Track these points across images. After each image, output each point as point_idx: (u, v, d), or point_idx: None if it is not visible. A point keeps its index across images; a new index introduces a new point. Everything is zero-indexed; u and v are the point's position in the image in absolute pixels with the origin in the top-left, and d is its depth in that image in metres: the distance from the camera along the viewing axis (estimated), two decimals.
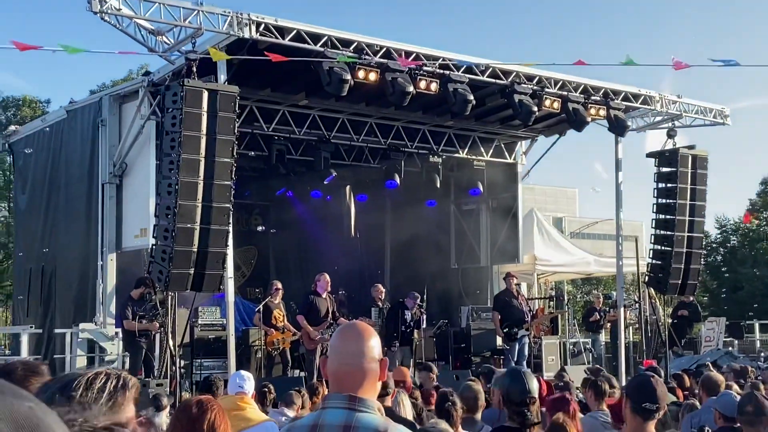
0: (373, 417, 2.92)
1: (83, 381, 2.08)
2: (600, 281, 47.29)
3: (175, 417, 4.15)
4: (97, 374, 2.14)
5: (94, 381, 2.09)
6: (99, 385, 2.09)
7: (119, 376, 2.16)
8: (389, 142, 18.95)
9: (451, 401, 6.75)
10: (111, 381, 2.12)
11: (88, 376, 2.11)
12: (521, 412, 4.76)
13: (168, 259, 12.47)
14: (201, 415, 3.72)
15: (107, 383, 2.10)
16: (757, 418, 5.72)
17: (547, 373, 16.16)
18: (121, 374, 2.18)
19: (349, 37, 14.18)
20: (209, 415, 3.72)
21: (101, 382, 2.10)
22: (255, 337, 15.79)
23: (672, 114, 18.52)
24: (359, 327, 3.14)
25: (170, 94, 12.66)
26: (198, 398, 4.01)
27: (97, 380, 2.10)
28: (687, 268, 18.25)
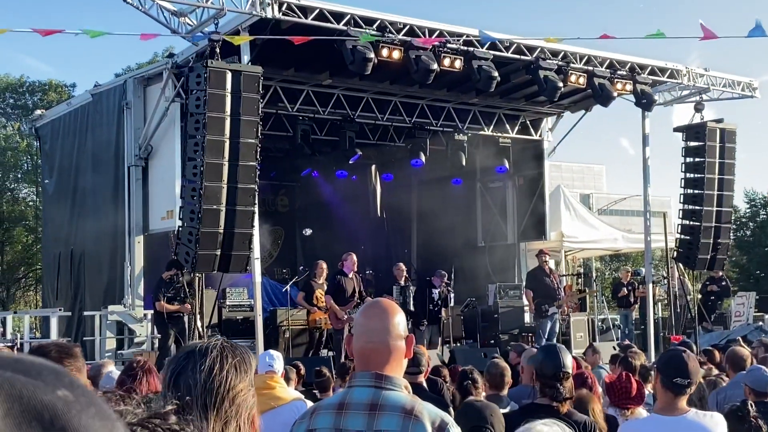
0: (399, 395, 2.90)
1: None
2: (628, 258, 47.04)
3: None
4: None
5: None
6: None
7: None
8: (414, 120, 18.87)
9: (471, 378, 6.74)
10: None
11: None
12: (553, 385, 4.72)
13: (194, 240, 12.51)
14: None
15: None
16: None
17: (575, 349, 16.09)
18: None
19: (372, 15, 14.11)
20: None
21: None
22: (283, 317, 15.82)
23: (699, 87, 18.31)
24: (383, 304, 3.11)
25: (194, 76, 12.66)
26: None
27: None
28: (716, 242, 18.11)
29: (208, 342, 2.22)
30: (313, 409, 3.10)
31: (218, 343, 2.17)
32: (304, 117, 17.47)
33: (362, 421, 2.85)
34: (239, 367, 2.12)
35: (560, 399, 4.70)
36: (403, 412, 2.83)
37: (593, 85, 16.41)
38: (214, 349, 2.13)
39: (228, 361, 2.11)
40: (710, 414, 4.63)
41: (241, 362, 2.14)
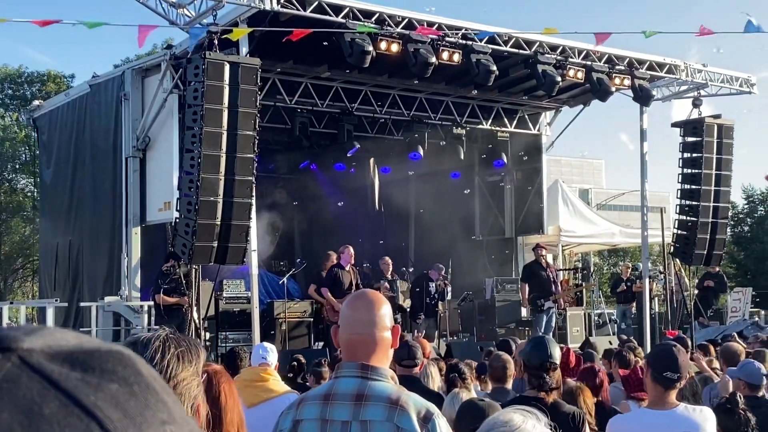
0: (385, 385, 2.92)
1: None
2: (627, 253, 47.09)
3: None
4: None
5: None
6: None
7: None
8: (412, 113, 18.87)
9: (458, 371, 6.77)
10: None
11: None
12: (540, 376, 4.74)
13: (191, 232, 12.51)
14: (208, 386, 3.68)
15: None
16: None
17: (572, 344, 16.11)
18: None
19: (370, 8, 14.11)
20: (214, 389, 3.68)
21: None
22: (280, 309, 15.85)
23: (697, 83, 18.31)
24: (370, 296, 3.13)
25: (192, 67, 12.65)
26: (204, 369, 3.98)
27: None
28: (712, 238, 18.11)
29: (152, 333, 2.24)
30: (300, 399, 3.12)
31: (162, 334, 2.19)
32: (303, 109, 17.47)
33: (348, 411, 2.87)
34: (182, 357, 2.13)
35: (546, 389, 4.72)
36: (389, 402, 2.84)
37: (591, 80, 16.42)
38: (156, 339, 2.15)
39: (170, 351, 2.13)
40: (699, 408, 4.65)
41: (185, 352, 2.16)
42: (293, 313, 15.92)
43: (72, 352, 0.63)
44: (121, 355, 0.64)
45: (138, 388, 0.63)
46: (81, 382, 0.61)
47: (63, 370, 0.61)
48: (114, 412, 0.60)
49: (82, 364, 0.62)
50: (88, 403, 0.60)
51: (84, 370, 0.62)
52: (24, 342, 0.63)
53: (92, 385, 0.61)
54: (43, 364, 0.61)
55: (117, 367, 0.63)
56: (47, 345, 0.63)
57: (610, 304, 25.92)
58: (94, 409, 0.59)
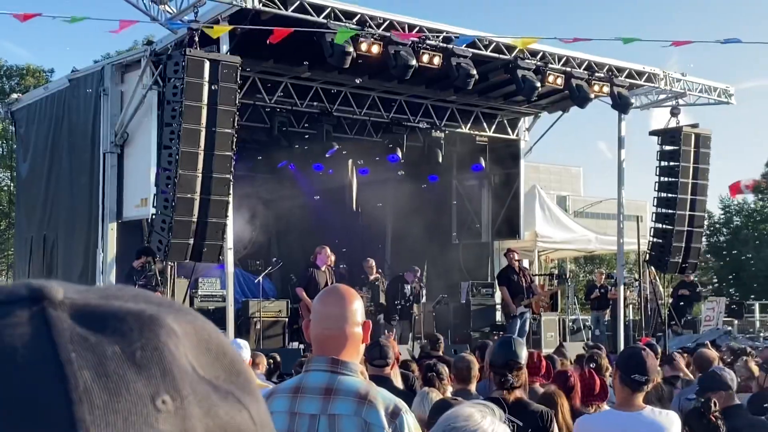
0: (354, 380, 2.94)
1: None
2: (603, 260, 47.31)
3: None
4: None
5: None
6: None
7: None
8: (392, 116, 18.90)
9: (436, 371, 6.79)
10: None
11: None
12: (503, 374, 4.77)
13: (168, 228, 12.50)
14: None
15: None
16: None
17: (545, 349, 16.18)
18: None
19: (352, 9, 14.13)
20: None
21: None
22: (255, 308, 15.83)
23: (676, 92, 18.45)
24: (341, 290, 3.15)
25: (172, 64, 12.65)
26: None
27: None
28: (688, 246, 18.28)
29: None
30: (269, 392, 3.14)
31: None
32: (282, 109, 17.46)
33: (317, 405, 2.89)
34: None
35: (507, 386, 4.75)
36: (357, 396, 2.86)
37: (571, 86, 16.50)
38: None
39: None
40: (666, 412, 4.71)
41: None
42: (268, 313, 15.91)
43: (98, 308, 0.62)
44: (148, 320, 0.61)
45: (142, 354, 0.60)
46: (78, 337, 0.59)
47: (70, 324, 0.59)
48: (88, 372, 0.57)
49: (99, 321, 0.60)
50: (63, 359, 0.57)
51: (93, 328, 0.60)
52: (59, 294, 0.61)
53: (87, 342, 0.59)
54: (57, 316, 0.60)
55: (132, 331, 0.61)
56: (84, 300, 0.62)
57: (585, 310, 26.04)
58: (65, 364, 0.57)
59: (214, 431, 0.60)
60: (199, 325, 0.64)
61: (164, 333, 0.61)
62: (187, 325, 0.63)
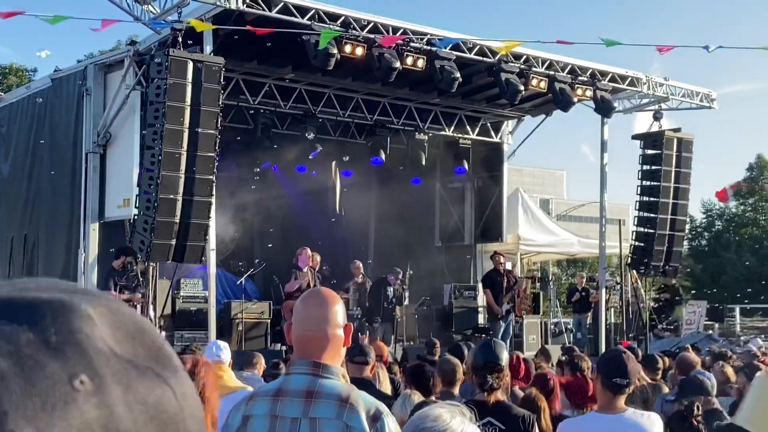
0: (336, 383, 2.93)
1: None
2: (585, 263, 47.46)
3: None
4: None
5: None
6: None
7: None
8: (375, 118, 18.89)
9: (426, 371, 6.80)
10: None
11: None
12: (483, 376, 4.78)
13: (150, 229, 12.46)
14: (193, 371, 3.61)
15: None
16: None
17: (527, 351, 16.23)
18: None
19: (336, 11, 14.12)
20: (202, 374, 3.65)
21: None
22: (237, 309, 15.80)
23: (658, 96, 18.53)
24: (323, 293, 3.14)
25: (155, 64, 12.61)
26: (194, 356, 3.96)
27: None
28: (669, 250, 18.36)
29: None
30: (250, 395, 3.13)
31: None
32: (266, 110, 17.43)
33: (298, 408, 2.88)
34: None
35: (486, 388, 4.76)
36: (339, 400, 2.86)
37: (554, 90, 16.54)
38: None
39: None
40: (647, 414, 4.73)
41: None
42: (250, 314, 15.88)
43: (12, 300, 0.65)
44: (61, 307, 0.64)
45: (56, 338, 0.62)
46: None
47: None
48: (3, 361, 0.60)
49: (13, 312, 0.63)
50: None
51: (7, 318, 0.63)
52: None
53: (2, 332, 0.62)
54: None
55: (45, 318, 0.63)
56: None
57: (567, 313, 26.11)
58: None
59: (135, 406, 0.63)
60: (114, 308, 0.68)
61: (78, 317, 0.64)
62: (101, 308, 0.67)
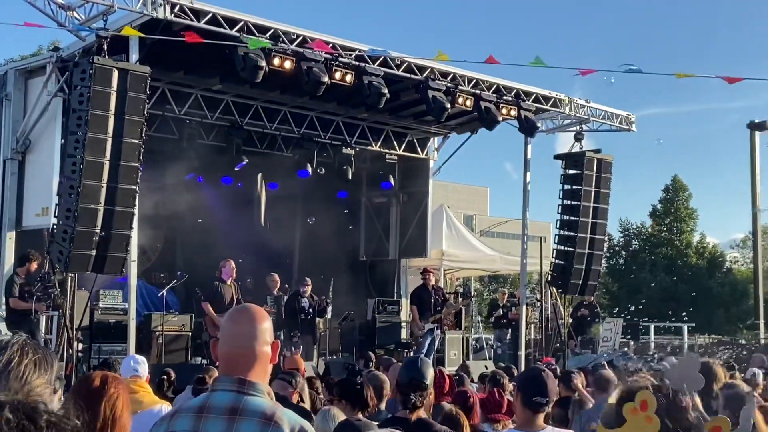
0: (261, 400, 2.92)
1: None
2: (507, 279, 48.01)
3: (75, 387, 4.05)
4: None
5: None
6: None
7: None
8: (303, 131, 18.88)
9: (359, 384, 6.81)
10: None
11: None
12: (407, 394, 4.82)
13: (69, 239, 12.23)
14: (102, 389, 3.54)
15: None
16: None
17: (449, 366, 16.34)
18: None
19: (265, 24, 14.08)
20: (111, 391, 3.57)
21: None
22: (157, 322, 15.57)
23: (580, 117, 18.89)
24: (252, 310, 3.14)
25: (79, 71, 12.41)
26: (103, 372, 3.89)
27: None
28: (588, 268, 18.70)
29: (11, 337, 2.22)
30: (173, 411, 3.10)
31: (20, 339, 2.17)
32: (192, 120, 17.28)
33: (222, 426, 2.86)
34: (38, 365, 2.12)
35: (409, 406, 4.79)
36: (263, 417, 2.85)
37: (479, 108, 16.76)
38: (15, 343, 2.13)
39: (28, 356, 2.11)
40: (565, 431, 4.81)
41: (42, 360, 2.15)
42: (171, 327, 15.67)
43: None
44: None
45: None
46: None
47: None
48: None
49: None
50: None
51: None
52: None
53: None
54: None
55: None
56: None
57: (488, 329, 26.35)
58: None
59: None
60: None
61: None
62: None
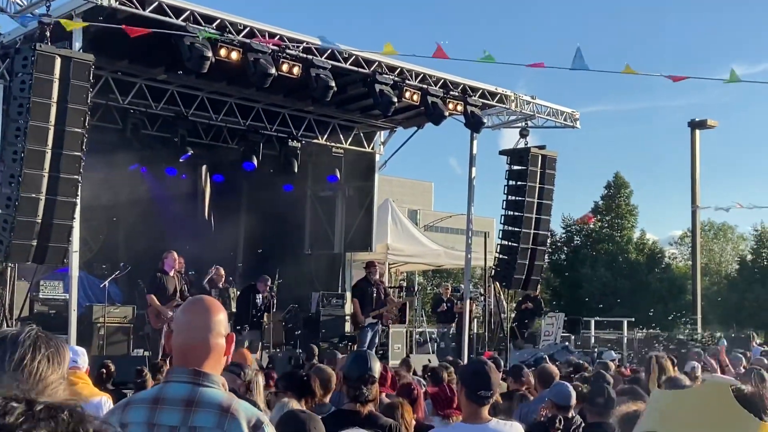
0: (216, 392, 2.91)
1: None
2: (451, 274, 48.29)
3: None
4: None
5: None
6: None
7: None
8: (249, 123, 18.77)
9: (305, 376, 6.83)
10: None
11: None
12: (358, 388, 4.84)
13: (9, 228, 12.01)
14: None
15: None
16: (605, 410, 6.01)
17: (392, 360, 16.40)
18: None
19: (212, 14, 13.94)
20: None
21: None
22: (99, 313, 15.38)
23: (525, 114, 19.05)
24: (206, 302, 3.12)
25: (20, 58, 12.18)
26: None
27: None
28: (531, 264, 18.88)
29: (22, 330, 2.16)
30: (126, 402, 3.07)
31: (32, 332, 2.12)
32: (136, 110, 17.08)
33: (177, 417, 2.85)
34: (52, 359, 2.07)
35: (362, 400, 4.82)
36: (220, 409, 2.85)
37: (426, 103, 16.80)
38: (27, 338, 2.07)
39: (41, 351, 2.06)
40: (510, 423, 4.87)
41: (55, 354, 2.09)
42: (113, 318, 15.47)
43: None
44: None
45: None
46: None
47: None
48: None
49: None
50: None
51: None
52: None
53: None
54: None
55: None
56: None
57: (431, 323, 26.49)
58: None
59: None
60: None
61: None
62: None
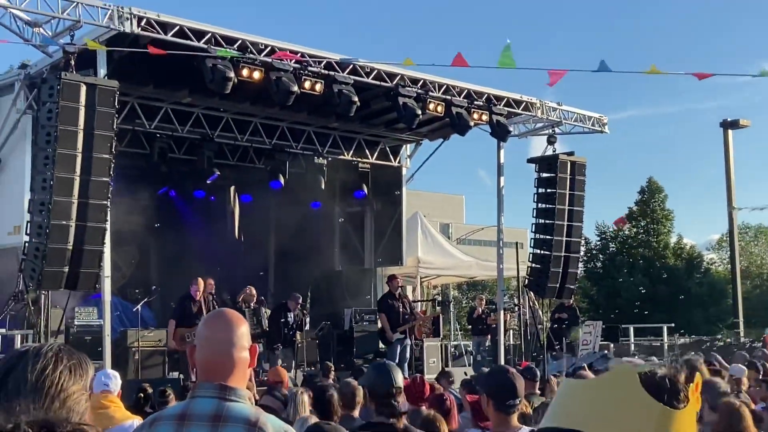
0: (243, 406, 2.87)
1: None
2: (485, 286, 48.03)
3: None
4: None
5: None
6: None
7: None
8: (274, 142, 18.80)
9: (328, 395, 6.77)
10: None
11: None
12: (388, 403, 4.77)
13: (41, 256, 12.09)
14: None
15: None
16: None
17: (428, 374, 16.28)
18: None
19: (233, 35, 14.02)
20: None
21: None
22: (133, 338, 15.43)
23: (552, 121, 18.95)
24: (228, 315, 3.08)
25: (46, 87, 12.29)
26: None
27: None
28: (565, 271, 18.72)
29: (44, 343, 2.15)
30: (152, 419, 3.03)
31: (55, 345, 2.11)
32: (162, 134, 17.16)
33: None
34: (74, 370, 2.05)
35: (397, 414, 4.75)
36: (247, 424, 2.80)
37: (451, 114, 16.74)
38: (50, 350, 2.06)
39: (63, 362, 2.04)
40: None
41: (77, 366, 2.07)
42: (147, 342, 15.54)
43: None
44: None
45: None
46: None
47: None
48: None
49: None
50: None
51: None
52: None
53: None
54: None
55: None
56: None
57: (466, 336, 26.35)
58: None
59: None
60: None
61: None
62: None
